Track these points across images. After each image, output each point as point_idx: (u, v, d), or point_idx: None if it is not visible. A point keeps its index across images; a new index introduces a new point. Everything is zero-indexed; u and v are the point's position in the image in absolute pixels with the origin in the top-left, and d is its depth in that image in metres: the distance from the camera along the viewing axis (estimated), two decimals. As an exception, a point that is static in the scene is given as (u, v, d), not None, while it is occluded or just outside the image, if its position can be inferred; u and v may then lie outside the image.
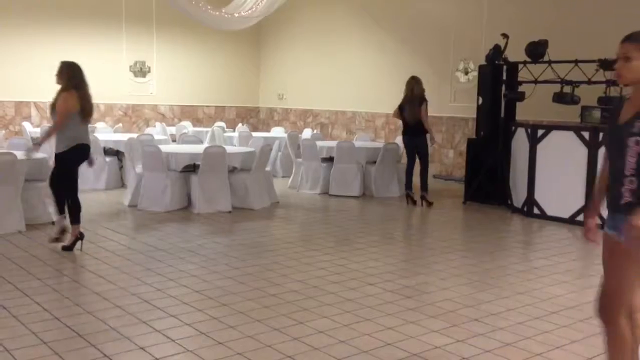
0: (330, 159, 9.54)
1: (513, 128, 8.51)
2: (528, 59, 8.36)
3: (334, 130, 13.73)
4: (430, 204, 8.66)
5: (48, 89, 12.78)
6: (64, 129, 5.58)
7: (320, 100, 13.98)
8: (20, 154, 6.43)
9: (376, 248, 6.51)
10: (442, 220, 7.96)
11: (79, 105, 5.57)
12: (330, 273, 5.23)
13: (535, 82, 8.37)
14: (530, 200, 7.95)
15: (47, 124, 11.39)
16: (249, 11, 10.76)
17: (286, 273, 5.21)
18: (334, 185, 9.38)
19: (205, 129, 12.36)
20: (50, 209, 6.83)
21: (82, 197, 8.65)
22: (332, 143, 9.95)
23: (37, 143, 5.87)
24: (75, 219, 5.78)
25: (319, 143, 9.96)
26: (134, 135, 9.69)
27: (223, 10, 10.64)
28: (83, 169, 9.32)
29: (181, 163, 7.87)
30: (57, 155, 5.70)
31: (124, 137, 9.65)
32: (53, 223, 6.75)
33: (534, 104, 8.68)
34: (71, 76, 5.61)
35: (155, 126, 12.55)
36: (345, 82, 13.35)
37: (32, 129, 10.85)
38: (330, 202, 8.99)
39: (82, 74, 5.66)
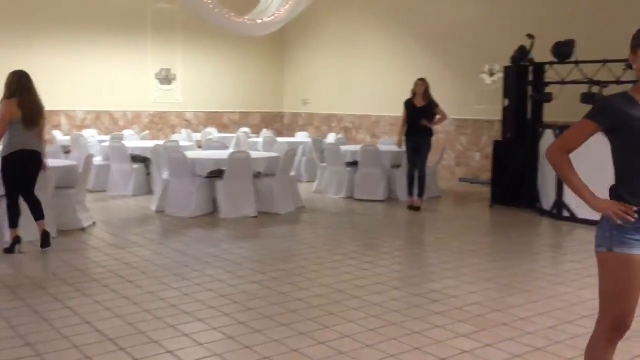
0: (354, 163, 9.53)
1: (540, 130, 8.40)
2: (555, 60, 8.25)
3: (358, 134, 13.71)
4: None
5: (77, 98, 13.08)
6: (8, 135, 5.70)
7: (344, 104, 13.99)
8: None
9: (402, 252, 6.48)
10: (469, 224, 7.88)
11: (20, 113, 5.66)
12: (356, 277, 5.21)
13: (563, 82, 8.26)
14: (560, 203, 7.83)
15: (76, 132, 11.59)
16: (272, 17, 10.82)
17: (312, 277, 5.21)
18: (359, 189, 9.36)
19: (230, 135, 12.45)
20: (80, 215, 6.95)
21: (110, 203, 8.87)
22: (357, 147, 9.93)
23: None
24: (12, 222, 5.83)
25: (343, 147, 9.95)
26: (161, 142, 9.80)
27: (246, 17, 10.72)
28: (114, 175, 9.49)
29: (207, 169, 7.93)
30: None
31: (151, 144, 9.77)
32: (83, 229, 6.87)
33: (562, 105, 8.55)
34: (11, 85, 5.72)
35: (181, 133, 12.69)
36: (369, 86, 13.33)
37: (62, 137, 11.05)
38: (355, 206, 8.97)
39: (24, 82, 5.73)
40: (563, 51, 8.07)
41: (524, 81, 8.70)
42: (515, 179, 8.56)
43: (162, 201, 8.05)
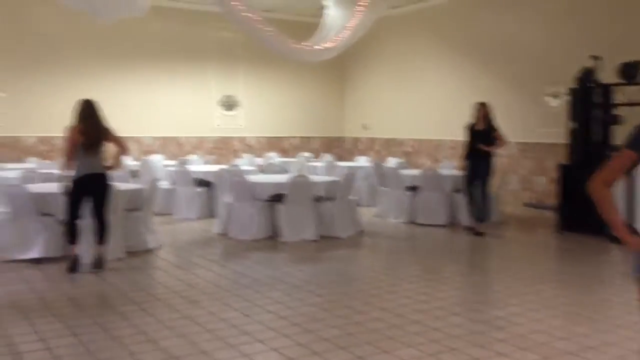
0: (415, 188, 9.47)
1: (608, 153, 8.12)
2: (622, 81, 8.00)
3: (418, 158, 13.63)
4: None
5: (145, 124, 13.62)
6: (76, 159, 6.06)
7: (405, 128, 13.97)
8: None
9: (463, 277, 6.36)
10: (533, 250, 7.67)
11: (81, 138, 6.02)
12: (416, 302, 5.16)
13: (631, 104, 7.99)
14: (630, 230, 7.49)
15: (144, 157, 12.06)
16: (331, 43, 10.98)
17: (371, 301, 5.19)
18: (420, 213, 9.28)
19: (291, 159, 12.63)
20: (147, 237, 7.20)
21: (175, 226, 9.14)
22: (417, 171, 9.87)
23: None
24: (71, 240, 6.13)
25: (404, 171, 9.91)
26: (223, 167, 10.05)
27: (305, 43, 10.91)
28: (179, 199, 9.79)
29: (268, 192, 8.07)
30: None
31: (214, 168, 10.03)
32: (150, 251, 7.10)
33: (630, 127, 8.26)
34: (77, 113, 6.11)
35: (243, 157, 12.98)
36: (430, 110, 13.27)
37: (132, 162, 11.51)
38: (416, 230, 8.89)
39: (87, 109, 6.10)
40: (630, 72, 7.84)
41: (590, 103, 8.47)
42: (583, 203, 8.26)
43: (224, 224, 8.24)
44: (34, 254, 6.51)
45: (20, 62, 12.04)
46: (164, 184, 10.06)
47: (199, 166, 11.16)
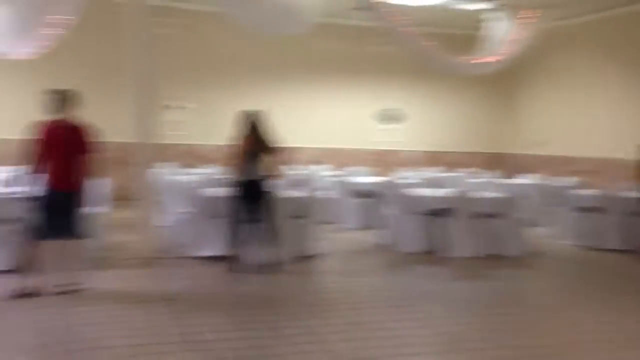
0: (590, 209, 8.75)
1: None
2: None
3: (592, 177, 12.59)
4: None
5: (308, 135, 14.23)
6: (241, 166, 6.51)
7: (577, 146, 13.03)
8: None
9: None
10: None
11: (247, 147, 6.48)
12: (588, 330, 4.77)
13: None
14: None
15: (307, 167, 12.53)
16: (494, 57, 10.58)
17: (538, 325, 4.90)
18: (595, 237, 8.57)
19: (454, 174, 12.35)
20: (311, 243, 7.45)
21: (338, 235, 9.32)
22: (592, 191, 9.14)
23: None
24: (231, 244, 6.51)
25: (577, 191, 9.23)
26: (386, 179, 10.10)
27: (466, 57, 10.62)
28: (342, 209, 10.01)
29: (431, 206, 7.96)
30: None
31: (375, 180, 10.11)
32: (314, 257, 7.33)
33: None
34: (244, 123, 6.57)
35: (405, 170, 12.95)
36: (605, 127, 12.25)
37: (295, 172, 11.99)
38: (590, 255, 8.21)
39: (254, 121, 6.56)
40: None
41: None
42: None
43: (386, 235, 8.27)
44: (208, 252, 7.05)
45: (203, 77, 13.20)
46: (327, 194, 10.33)
47: (360, 177, 11.32)
